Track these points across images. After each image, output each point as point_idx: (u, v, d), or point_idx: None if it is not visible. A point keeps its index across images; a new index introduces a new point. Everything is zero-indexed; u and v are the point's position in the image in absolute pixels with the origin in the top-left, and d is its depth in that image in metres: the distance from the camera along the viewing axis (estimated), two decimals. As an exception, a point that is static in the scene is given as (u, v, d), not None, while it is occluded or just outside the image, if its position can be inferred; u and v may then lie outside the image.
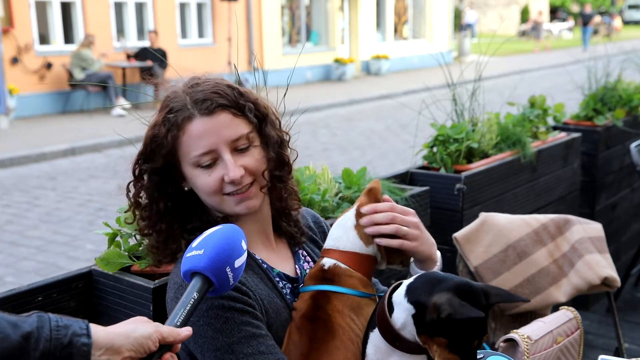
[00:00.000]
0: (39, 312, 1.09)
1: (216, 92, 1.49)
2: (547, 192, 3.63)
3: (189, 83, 1.53)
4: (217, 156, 1.48)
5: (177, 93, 1.51)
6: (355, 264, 1.55)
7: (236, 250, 1.30)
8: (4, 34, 12.08)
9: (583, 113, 4.30)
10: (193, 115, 1.47)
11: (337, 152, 9.80)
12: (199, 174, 1.49)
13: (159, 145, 1.49)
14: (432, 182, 2.96)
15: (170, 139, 1.48)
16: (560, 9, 49.55)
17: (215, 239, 1.29)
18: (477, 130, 3.26)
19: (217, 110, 1.47)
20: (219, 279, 1.27)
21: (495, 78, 16.64)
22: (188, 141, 1.47)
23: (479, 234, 2.61)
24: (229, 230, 1.32)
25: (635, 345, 3.69)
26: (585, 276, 2.69)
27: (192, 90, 1.50)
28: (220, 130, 1.47)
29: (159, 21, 15.20)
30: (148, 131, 1.53)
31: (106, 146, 10.36)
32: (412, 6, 23.47)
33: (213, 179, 1.49)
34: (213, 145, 1.47)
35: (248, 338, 1.41)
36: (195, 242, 1.31)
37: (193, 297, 1.25)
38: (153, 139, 1.50)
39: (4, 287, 4.58)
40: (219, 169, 1.49)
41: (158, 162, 1.51)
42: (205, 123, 1.47)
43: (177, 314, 1.23)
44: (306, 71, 18.21)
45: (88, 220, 6.67)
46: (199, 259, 1.27)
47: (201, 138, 1.47)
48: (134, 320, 1.21)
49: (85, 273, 1.87)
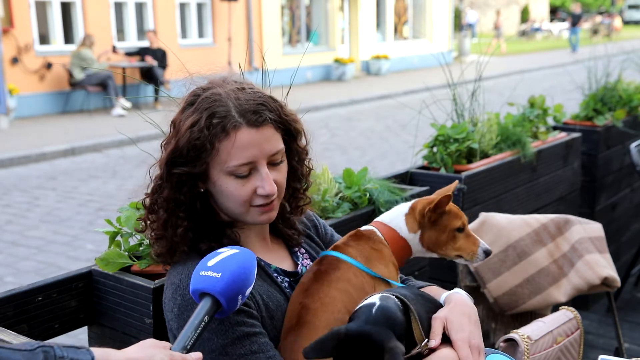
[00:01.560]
0: (44, 347, 1.05)
1: (263, 104, 1.49)
2: (547, 192, 3.63)
3: (233, 87, 1.51)
4: (253, 167, 1.48)
5: (220, 95, 1.48)
6: (391, 239, 1.69)
7: (250, 279, 1.32)
8: (4, 34, 12.08)
9: (583, 113, 4.30)
10: (240, 124, 1.45)
11: (337, 152, 9.80)
12: (232, 182, 1.48)
13: (199, 148, 1.45)
14: (432, 182, 2.96)
15: (215, 145, 1.45)
16: (560, 9, 49.57)
17: (234, 264, 1.29)
18: (477, 130, 3.26)
19: (264, 124, 1.47)
20: (230, 305, 1.28)
21: (495, 78, 16.65)
22: (230, 150, 1.45)
23: (479, 234, 2.61)
24: (248, 259, 1.32)
25: (635, 345, 3.69)
26: (585, 276, 2.69)
27: (236, 97, 1.48)
28: (263, 144, 1.47)
29: (158, 21, 15.20)
30: (184, 131, 1.46)
31: (106, 146, 10.36)
32: (412, 6, 23.46)
33: (246, 190, 1.48)
34: (254, 158, 1.47)
35: (241, 338, 1.41)
36: (211, 260, 1.30)
37: (204, 320, 1.25)
38: (194, 142, 1.45)
39: (4, 287, 4.58)
40: (253, 181, 1.48)
41: (200, 167, 1.47)
42: (252, 135, 1.46)
43: (187, 337, 1.22)
44: (306, 71, 18.21)
45: (88, 220, 6.67)
46: (216, 282, 1.26)
47: (245, 149, 1.45)
48: (147, 345, 1.18)
49: (85, 273, 1.87)
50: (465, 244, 1.71)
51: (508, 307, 2.62)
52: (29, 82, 12.80)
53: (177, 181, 1.49)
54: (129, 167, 8.91)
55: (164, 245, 1.53)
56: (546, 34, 40.52)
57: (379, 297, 1.40)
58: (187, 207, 1.51)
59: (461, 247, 1.71)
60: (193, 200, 1.52)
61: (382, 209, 2.41)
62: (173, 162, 1.48)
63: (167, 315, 1.51)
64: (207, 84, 1.54)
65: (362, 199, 2.43)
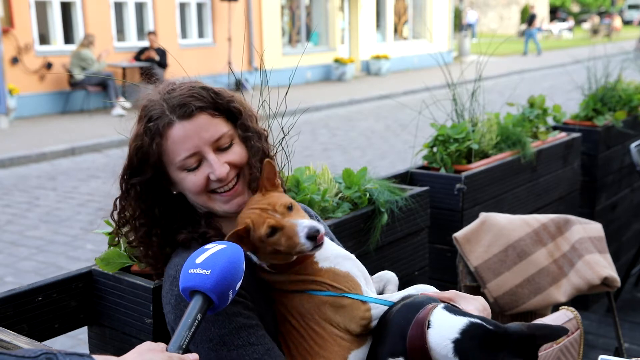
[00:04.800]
0: (48, 354, 1.05)
1: (192, 96, 1.52)
2: (547, 192, 3.63)
3: (165, 89, 1.55)
4: (201, 157, 1.51)
5: (154, 101, 1.53)
6: None
7: (240, 274, 1.32)
8: (4, 34, 12.08)
9: (583, 113, 4.30)
10: (172, 120, 1.49)
11: (337, 152, 9.80)
12: (185, 176, 1.52)
13: (145, 155, 1.51)
14: (432, 182, 2.96)
15: (155, 148, 1.50)
16: (560, 9, 49.55)
17: (222, 260, 1.29)
18: (477, 130, 3.26)
19: (195, 113, 1.50)
20: (221, 301, 1.28)
21: (495, 78, 16.64)
22: (171, 147, 1.50)
23: (479, 234, 2.61)
24: (236, 253, 1.32)
25: (635, 345, 3.69)
26: (585, 276, 2.69)
27: (168, 96, 1.52)
28: (200, 132, 1.50)
29: (159, 21, 15.20)
30: (131, 143, 1.54)
31: (106, 146, 10.36)
32: (412, 6, 23.46)
33: (199, 178, 1.51)
34: (196, 148, 1.50)
35: (239, 329, 1.43)
36: (199, 257, 1.30)
37: (197, 318, 1.25)
38: (138, 151, 1.51)
39: (4, 287, 4.58)
40: (204, 169, 1.51)
41: (148, 173, 1.53)
42: (185, 127, 1.49)
43: (182, 336, 1.22)
44: (306, 71, 18.21)
45: (88, 220, 6.67)
46: (205, 280, 1.26)
47: (183, 142, 1.49)
48: (145, 349, 1.19)
49: (85, 273, 1.87)
50: (284, 241, 1.45)
51: (508, 307, 2.62)
52: (29, 82, 12.80)
53: (134, 193, 1.55)
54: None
55: (145, 249, 1.60)
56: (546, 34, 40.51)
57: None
58: (148, 213, 1.56)
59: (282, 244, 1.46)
60: (153, 206, 1.56)
61: (382, 209, 2.42)
62: (128, 175, 1.55)
63: (165, 308, 1.53)
64: (146, 95, 1.58)
65: (362, 199, 2.43)
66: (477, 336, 1.27)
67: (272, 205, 1.46)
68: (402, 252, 2.60)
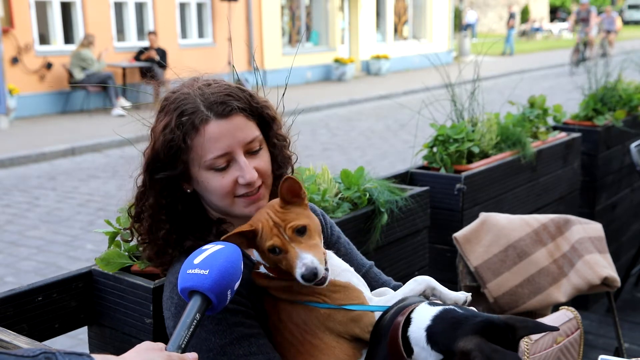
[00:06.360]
0: (47, 353, 1.04)
1: (229, 95, 1.49)
2: (547, 192, 3.63)
3: (199, 84, 1.52)
4: (230, 159, 1.48)
5: (187, 94, 1.49)
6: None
7: (238, 273, 1.32)
8: (4, 34, 12.08)
9: (583, 113, 4.30)
10: (209, 117, 1.46)
11: (337, 152, 9.79)
12: (212, 176, 1.48)
13: (177, 150, 1.46)
14: (432, 182, 2.96)
15: (189, 143, 1.46)
16: (560, 9, 49.55)
17: (220, 260, 1.29)
18: (477, 130, 3.26)
19: (233, 113, 1.47)
20: (220, 300, 1.28)
21: (495, 78, 16.65)
22: (203, 144, 1.46)
23: (479, 234, 2.61)
24: (234, 253, 1.32)
25: (635, 345, 3.69)
26: (585, 276, 2.69)
27: (204, 92, 1.49)
28: (235, 133, 1.47)
29: (159, 21, 15.20)
30: (158, 135, 1.48)
31: (106, 146, 10.36)
32: (412, 6, 23.46)
33: (227, 181, 1.48)
34: (229, 148, 1.47)
35: (240, 339, 1.42)
36: (197, 258, 1.30)
37: (196, 318, 1.25)
38: (169, 144, 1.46)
39: (4, 287, 4.58)
40: (232, 171, 1.48)
41: (179, 168, 1.48)
42: (222, 126, 1.46)
43: (180, 336, 1.22)
44: (306, 71, 18.21)
45: (88, 220, 6.67)
46: (204, 280, 1.26)
47: (217, 141, 1.46)
48: (144, 349, 1.18)
49: (85, 273, 1.87)
50: (284, 263, 1.43)
51: (508, 307, 2.62)
52: (29, 82, 12.80)
53: (160, 187, 1.50)
54: (129, 167, 8.90)
55: (152, 249, 1.56)
56: (546, 34, 40.52)
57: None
58: (168, 210, 1.53)
59: (282, 264, 1.44)
60: (175, 203, 1.53)
61: (382, 209, 2.42)
62: (153, 168, 1.50)
63: (165, 314, 1.52)
64: (175, 87, 1.55)
65: (362, 199, 2.43)
66: (447, 319, 1.28)
67: (285, 223, 1.42)
68: (402, 252, 2.60)
